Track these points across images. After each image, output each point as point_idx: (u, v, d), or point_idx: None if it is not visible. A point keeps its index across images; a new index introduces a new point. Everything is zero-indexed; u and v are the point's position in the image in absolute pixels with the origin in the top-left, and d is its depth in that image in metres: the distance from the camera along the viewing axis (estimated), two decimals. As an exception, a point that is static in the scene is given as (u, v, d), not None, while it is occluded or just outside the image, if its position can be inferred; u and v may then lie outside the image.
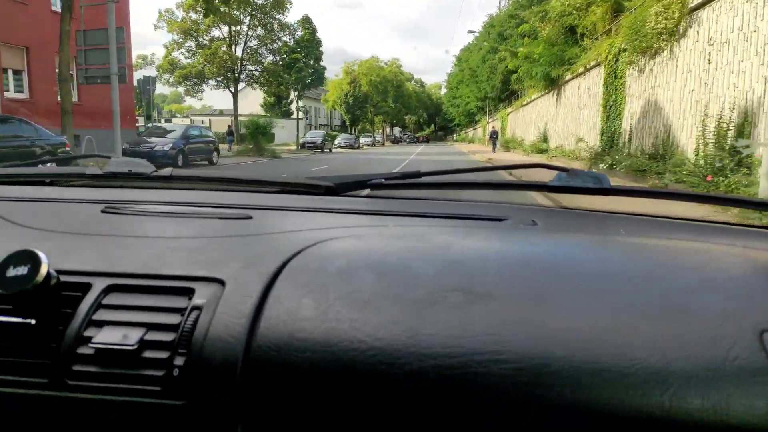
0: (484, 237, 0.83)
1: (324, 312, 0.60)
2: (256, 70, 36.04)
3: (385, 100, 66.19)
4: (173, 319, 0.63)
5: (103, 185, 1.23)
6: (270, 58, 34.18)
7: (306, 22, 34.63)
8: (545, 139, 26.83)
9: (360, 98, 55.78)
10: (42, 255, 0.62)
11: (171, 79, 33.78)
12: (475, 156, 31.24)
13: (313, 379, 0.56)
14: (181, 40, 34.08)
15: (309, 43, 34.86)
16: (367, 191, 1.15)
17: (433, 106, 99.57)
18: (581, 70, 20.30)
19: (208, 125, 36.05)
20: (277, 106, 58.10)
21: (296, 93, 36.33)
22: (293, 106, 62.19)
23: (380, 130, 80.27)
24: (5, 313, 0.63)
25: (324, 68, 35.75)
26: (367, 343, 0.56)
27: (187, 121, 41.25)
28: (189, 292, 0.65)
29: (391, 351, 0.56)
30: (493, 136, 35.42)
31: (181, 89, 37.23)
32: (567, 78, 22.66)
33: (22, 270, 0.61)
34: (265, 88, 37.53)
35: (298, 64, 33.40)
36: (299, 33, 35.94)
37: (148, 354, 0.60)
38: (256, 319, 0.60)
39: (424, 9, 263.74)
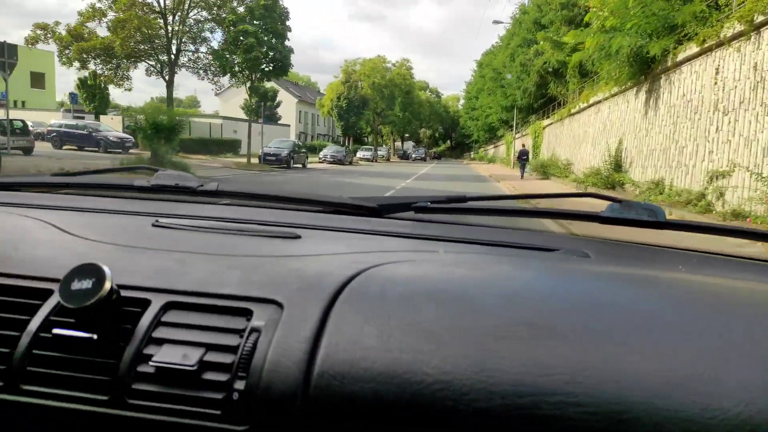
0: (542, 268, 0.82)
1: (386, 341, 0.59)
2: (196, 50, 26.28)
3: (391, 108, 56.06)
4: (232, 340, 0.63)
5: (150, 198, 1.25)
6: (215, 35, 23.81)
7: (263, -19, 24.05)
8: (618, 165, 16.53)
9: (356, 102, 45.28)
10: (106, 269, 0.62)
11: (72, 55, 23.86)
12: (499, 184, 20.98)
13: (375, 411, 0.55)
14: (103, 6, 24.39)
15: (266, 11, 23.04)
16: (411, 214, 1.15)
17: (449, 119, 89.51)
18: (723, 36, 10.09)
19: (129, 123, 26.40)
20: (264, 107, 48.50)
21: (247, 82, 24.67)
22: (296, 110, 54.30)
23: (388, 144, 70.18)
24: (68, 327, 0.63)
25: (290, 50, 24.55)
26: (432, 376, 0.55)
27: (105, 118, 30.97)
28: (247, 313, 0.65)
29: (458, 386, 0.55)
30: (523, 157, 25.75)
31: (98, 70, 27.15)
32: (681, 57, 12.41)
33: (87, 284, 0.61)
34: (203, 74, 27.35)
35: (247, 40, 21.87)
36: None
37: (208, 376, 0.61)
38: (316, 345, 0.60)
39: (448, 24, 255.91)
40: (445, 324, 0.60)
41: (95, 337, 0.62)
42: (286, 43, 24.20)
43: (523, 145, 28.30)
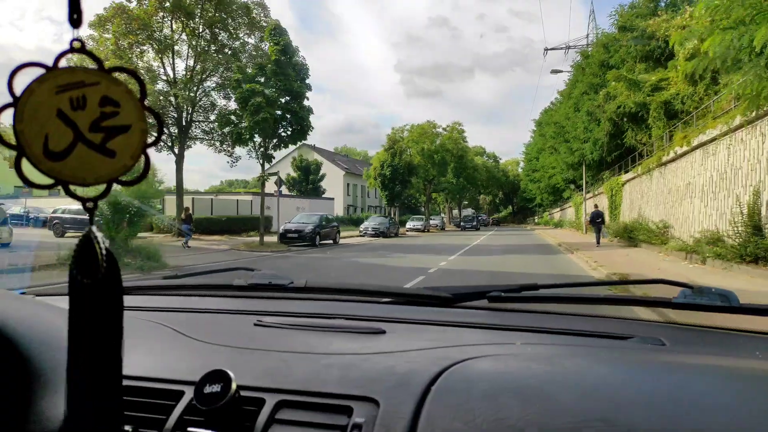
0: (617, 360, 0.84)
1: None
2: (206, 117, 23.23)
3: (444, 174, 52.00)
4: None
5: (248, 296, 1.41)
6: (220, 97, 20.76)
7: (276, 32, 19.94)
8: (758, 227, 11.13)
9: (401, 169, 41.40)
10: (231, 375, 0.72)
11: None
12: (573, 256, 15.84)
13: None
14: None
15: (278, 68, 19.20)
16: (484, 302, 1.21)
17: (509, 184, 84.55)
18: None
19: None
20: (304, 181, 45.74)
21: (257, 149, 20.38)
22: (340, 182, 51.13)
23: (444, 212, 65.79)
24: (199, 425, 0.73)
25: (309, 111, 20.68)
26: None
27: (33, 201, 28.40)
28: (347, 410, 0.73)
29: None
30: (597, 220, 20.96)
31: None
32: None
33: (216, 387, 0.71)
34: (219, 146, 23.87)
35: (254, 100, 18.01)
36: (264, 48, 20.99)
37: None
38: None
39: (504, 93, 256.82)
40: (528, 420, 0.64)
41: None
42: (305, 102, 20.67)
43: (596, 206, 23.61)
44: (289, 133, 20.75)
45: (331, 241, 24.41)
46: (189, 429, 0.74)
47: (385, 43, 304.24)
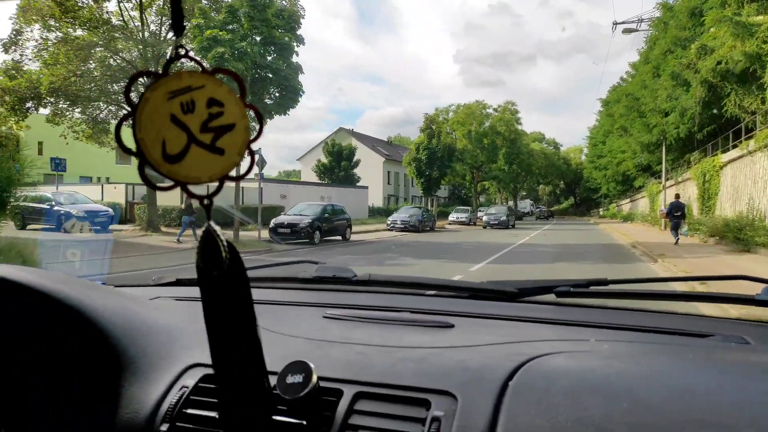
0: (703, 360, 0.82)
1: None
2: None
3: (494, 160, 46.04)
4: (416, 428, 0.72)
5: (314, 288, 1.43)
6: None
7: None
8: None
9: (439, 152, 35.26)
10: (312, 365, 0.74)
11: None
12: (656, 266, 10.50)
13: None
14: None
15: (253, 10, 14.41)
16: (551, 297, 1.17)
17: (571, 173, 76.93)
18: None
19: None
20: (336, 167, 41.19)
21: None
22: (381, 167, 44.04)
23: (501, 202, 59.64)
24: (282, 414, 0.75)
25: (298, 69, 15.81)
26: None
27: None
28: (425, 403, 0.74)
29: None
30: (676, 213, 16.84)
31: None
32: None
33: (298, 378, 0.73)
34: None
35: (216, 50, 13.65)
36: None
37: None
38: None
39: (567, 82, 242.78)
40: (615, 419, 0.63)
41: (304, 423, 0.74)
42: (294, 59, 15.88)
43: (677, 196, 18.24)
44: (276, 96, 16.07)
45: (339, 237, 19.75)
46: (275, 417, 0.75)
47: (444, 33, 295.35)
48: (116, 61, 17.38)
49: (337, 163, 40.97)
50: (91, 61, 17.05)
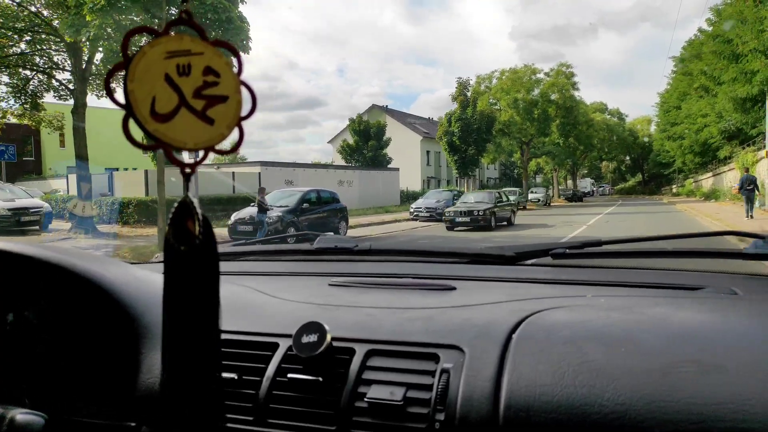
0: (696, 309, 0.86)
1: (561, 378, 0.67)
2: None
3: (546, 133, 39.92)
4: (426, 380, 0.76)
5: (317, 259, 1.47)
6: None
7: None
8: None
9: (475, 124, 29.23)
10: (326, 326, 0.80)
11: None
12: None
13: None
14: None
15: None
16: (548, 259, 1.20)
17: (638, 147, 68.71)
18: None
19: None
20: (364, 147, 36.49)
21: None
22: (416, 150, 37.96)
23: (559, 181, 53.22)
24: (299, 372, 0.81)
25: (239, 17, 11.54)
26: (608, 407, 0.63)
27: None
28: (434, 357, 0.78)
29: (633, 415, 0.61)
30: (749, 188, 16.44)
31: None
32: None
33: (313, 338, 0.79)
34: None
35: None
36: None
37: (413, 409, 0.74)
38: (499, 383, 0.71)
39: (631, 54, 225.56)
40: (614, 363, 0.67)
41: (320, 379, 0.79)
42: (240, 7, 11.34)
43: (747, 170, 18.57)
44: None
45: (328, 234, 15.26)
46: (289, 375, 0.81)
47: (499, 9, 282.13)
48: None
49: (365, 143, 36.25)
50: None
